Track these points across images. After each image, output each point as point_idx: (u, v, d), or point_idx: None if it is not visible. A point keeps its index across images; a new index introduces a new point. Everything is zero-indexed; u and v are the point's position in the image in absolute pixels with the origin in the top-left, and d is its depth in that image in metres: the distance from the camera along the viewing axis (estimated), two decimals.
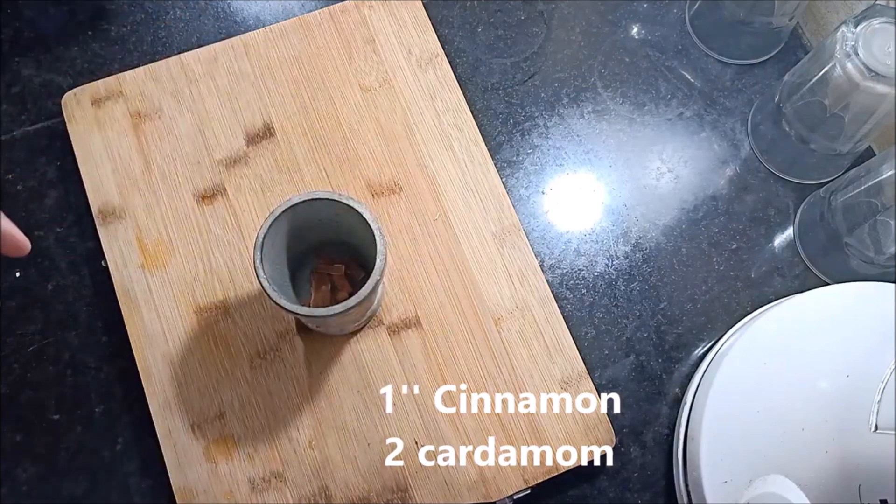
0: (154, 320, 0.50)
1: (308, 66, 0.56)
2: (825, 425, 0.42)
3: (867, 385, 0.41)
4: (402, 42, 0.57)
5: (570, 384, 0.50)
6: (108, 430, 0.50)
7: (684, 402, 0.50)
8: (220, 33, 0.59)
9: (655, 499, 0.50)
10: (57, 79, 0.57)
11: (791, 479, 0.42)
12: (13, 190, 0.54)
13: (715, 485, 0.44)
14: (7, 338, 0.51)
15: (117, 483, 0.49)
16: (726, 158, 0.58)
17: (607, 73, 0.60)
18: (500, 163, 0.57)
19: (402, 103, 0.55)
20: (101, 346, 0.51)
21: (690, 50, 0.60)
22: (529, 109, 0.58)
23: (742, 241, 0.56)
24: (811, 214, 0.55)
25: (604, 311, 0.54)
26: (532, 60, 0.60)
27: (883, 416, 0.40)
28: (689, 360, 0.53)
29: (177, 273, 0.51)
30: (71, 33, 0.58)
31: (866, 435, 0.40)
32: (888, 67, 0.45)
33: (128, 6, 0.59)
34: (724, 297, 0.54)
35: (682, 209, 0.57)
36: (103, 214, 0.52)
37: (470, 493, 0.47)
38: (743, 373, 0.47)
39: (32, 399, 0.50)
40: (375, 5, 0.57)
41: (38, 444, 0.49)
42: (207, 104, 0.54)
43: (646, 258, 0.55)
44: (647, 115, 0.59)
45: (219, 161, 0.53)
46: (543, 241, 0.55)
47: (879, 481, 0.39)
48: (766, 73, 0.60)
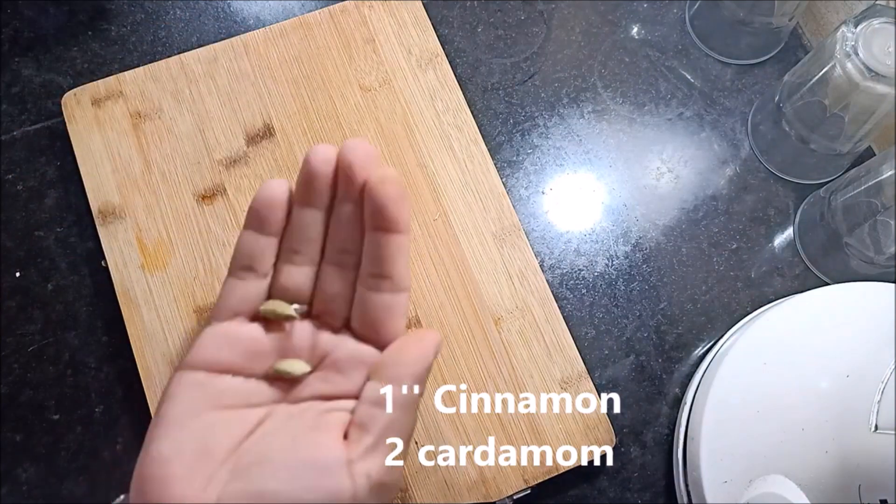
0: (154, 320, 0.50)
1: (308, 66, 0.56)
2: (825, 425, 0.42)
3: (867, 385, 0.41)
4: (402, 42, 0.57)
5: (570, 384, 0.50)
6: (108, 430, 0.50)
7: (684, 402, 0.50)
8: (220, 33, 0.59)
9: (655, 499, 0.50)
10: (57, 79, 0.57)
11: (791, 479, 0.42)
12: (13, 190, 0.54)
13: (715, 485, 0.44)
14: (7, 338, 0.51)
15: (117, 483, 0.49)
16: (726, 158, 0.58)
17: (607, 73, 0.60)
18: (500, 163, 0.57)
19: (402, 103, 0.55)
20: (101, 346, 0.51)
21: (690, 50, 0.60)
22: (529, 109, 0.58)
23: (742, 241, 0.56)
24: (811, 214, 0.55)
25: (604, 311, 0.54)
26: (532, 60, 0.60)
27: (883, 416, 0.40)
28: (689, 360, 0.53)
29: (177, 273, 0.51)
30: (71, 33, 0.58)
31: (866, 435, 0.40)
32: (888, 67, 0.45)
33: (128, 6, 0.59)
34: (724, 297, 0.54)
35: (682, 209, 0.57)
36: (103, 214, 0.52)
37: (470, 493, 0.47)
38: (743, 373, 0.47)
39: (32, 399, 0.50)
40: (375, 5, 0.57)
41: (38, 444, 0.49)
42: (207, 104, 0.55)
43: (646, 258, 0.55)
44: (647, 115, 0.59)
45: (219, 161, 0.53)
46: (543, 241, 0.55)
47: (879, 481, 0.39)
48: (766, 73, 0.60)
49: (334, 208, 0.30)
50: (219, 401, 0.28)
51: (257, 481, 0.26)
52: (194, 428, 0.27)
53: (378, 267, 0.29)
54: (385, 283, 0.29)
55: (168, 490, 0.26)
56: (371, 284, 0.29)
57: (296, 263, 0.30)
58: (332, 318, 0.31)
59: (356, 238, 0.29)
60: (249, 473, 0.26)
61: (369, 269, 0.29)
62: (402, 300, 0.30)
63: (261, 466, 0.26)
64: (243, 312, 0.30)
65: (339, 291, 0.30)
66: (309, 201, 0.29)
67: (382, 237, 0.28)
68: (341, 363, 0.29)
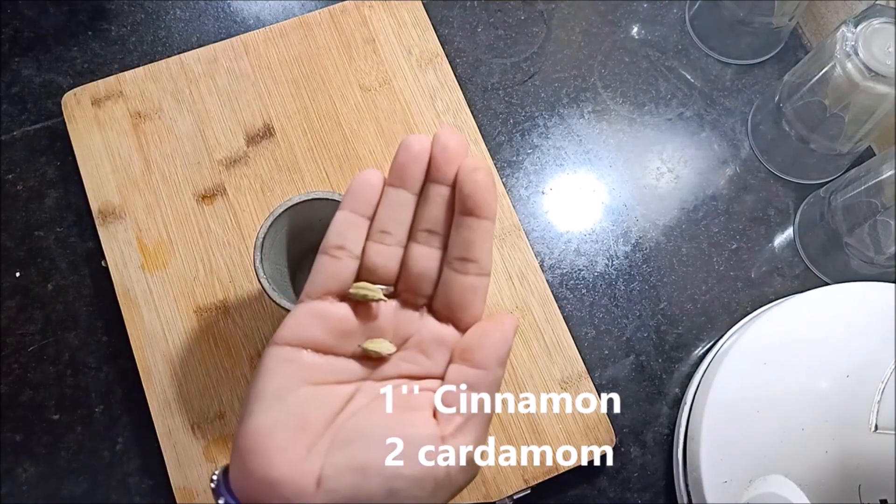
0: (154, 320, 0.50)
1: (308, 66, 0.56)
2: (825, 425, 0.42)
3: (867, 385, 0.41)
4: (402, 42, 0.57)
5: (570, 384, 0.50)
6: (108, 430, 0.50)
7: (684, 402, 0.50)
8: (220, 33, 0.59)
9: (655, 499, 0.50)
10: (57, 79, 0.57)
11: (791, 479, 0.42)
12: (13, 190, 0.54)
13: (715, 485, 0.44)
14: (7, 338, 0.51)
15: (117, 483, 0.49)
16: (726, 158, 0.58)
17: (607, 73, 0.60)
18: (500, 163, 0.57)
19: (402, 103, 0.55)
20: (101, 346, 0.51)
21: (690, 50, 0.60)
22: (529, 109, 0.58)
23: (742, 241, 0.56)
24: (811, 214, 0.55)
25: (604, 311, 0.54)
26: (532, 60, 0.60)
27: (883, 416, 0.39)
28: (689, 360, 0.53)
29: (177, 273, 0.51)
30: (71, 33, 0.58)
31: (866, 435, 0.40)
32: (888, 67, 0.45)
33: (128, 6, 0.59)
34: (724, 297, 0.54)
35: (682, 209, 0.57)
36: (103, 214, 0.52)
37: (470, 493, 0.47)
38: (743, 373, 0.47)
39: (32, 399, 0.50)
40: (375, 5, 0.57)
41: (38, 444, 0.49)
42: (207, 104, 0.54)
43: (646, 258, 0.55)
44: (647, 115, 0.59)
45: (219, 161, 0.53)
46: (543, 241, 0.55)
47: (879, 481, 0.39)
48: (766, 73, 0.60)
49: (424, 192, 0.32)
50: (312, 376, 0.29)
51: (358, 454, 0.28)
52: (291, 402, 0.28)
53: (465, 250, 0.31)
54: (471, 266, 0.31)
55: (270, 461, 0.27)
56: (457, 267, 0.31)
57: (385, 243, 0.32)
58: (416, 298, 0.32)
59: (444, 221, 0.31)
60: (349, 447, 0.28)
61: (456, 252, 0.31)
62: (485, 284, 0.31)
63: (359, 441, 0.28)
64: (333, 291, 0.31)
65: (424, 271, 0.32)
66: (402, 184, 0.31)
67: (472, 221, 0.30)
68: (425, 344, 0.31)
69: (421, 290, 0.32)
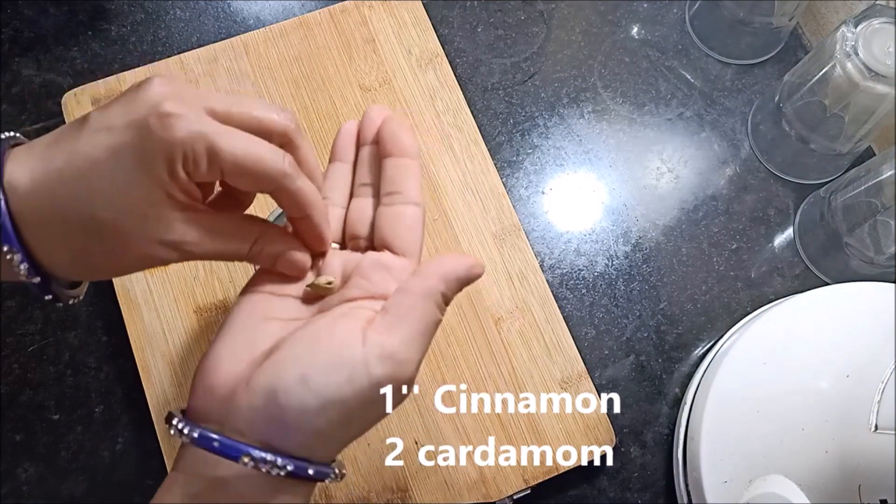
0: (154, 320, 0.50)
1: (308, 66, 0.56)
2: (825, 425, 0.42)
3: (867, 385, 0.41)
4: (402, 42, 0.57)
5: (570, 384, 0.50)
6: (108, 430, 0.50)
7: (684, 402, 0.50)
8: (220, 33, 0.59)
9: (655, 499, 0.50)
10: (57, 79, 0.57)
11: (791, 479, 0.42)
12: None
13: (715, 485, 0.44)
14: (7, 338, 0.51)
15: (117, 483, 0.49)
16: (726, 158, 0.58)
17: (607, 73, 0.60)
18: (500, 163, 0.57)
19: (402, 103, 0.55)
20: (101, 346, 0.51)
21: (690, 50, 0.60)
22: (529, 109, 0.58)
23: (742, 241, 0.56)
24: (811, 214, 0.55)
25: (604, 311, 0.54)
26: (532, 60, 0.60)
27: (883, 416, 0.39)
28: (689, 360, 0.53)
29: (177, 273, 0.51)
30: (71, 33, 0.58)
31: (866, 435, 0.40)
32: (888, 67, 0.45)
33: (128, 6, 0.59)
34: (724, 297, 0.54)
35: (682, 209, 0.57)
36: None
37: (470, 493, 0.47)
38: (743, 373, 0.47)
39: (32, 399, 0.50)
40: (375, 5, 0.57)
41: (38, 444, 0.49)
42: None
43: (646, 258, 0.55)
44: (647, 115, 0.59)
45: None
46: (543, 241, 0.55)
47: (879, 481, 0.39)
48: (766, 73, 0.60)
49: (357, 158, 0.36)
50: (269, 313, 0.32)
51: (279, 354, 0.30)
52: (246, 332, 0.32)
53: (390, 185, 0.34)
54: (396, 197, 0.34)
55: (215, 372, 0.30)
56: (385, 200, 0.34)
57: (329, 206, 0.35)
58: (358, 241, 0.35)
59: (374, 172, 0.35)
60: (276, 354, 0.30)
61: (384, 189, 0.34)
62: (412, 211, 0.34)
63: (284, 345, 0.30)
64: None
65: (360, 216, 0.35)
66: (339, 158, 0.36)
67: (393, 161, 0.34)
68: (365, 269, 0.33)
69: (360, 232, 0.35)
